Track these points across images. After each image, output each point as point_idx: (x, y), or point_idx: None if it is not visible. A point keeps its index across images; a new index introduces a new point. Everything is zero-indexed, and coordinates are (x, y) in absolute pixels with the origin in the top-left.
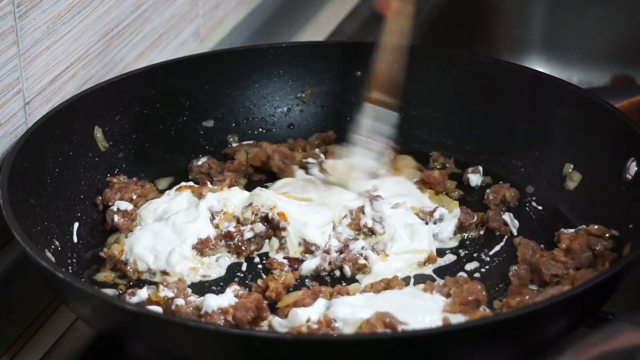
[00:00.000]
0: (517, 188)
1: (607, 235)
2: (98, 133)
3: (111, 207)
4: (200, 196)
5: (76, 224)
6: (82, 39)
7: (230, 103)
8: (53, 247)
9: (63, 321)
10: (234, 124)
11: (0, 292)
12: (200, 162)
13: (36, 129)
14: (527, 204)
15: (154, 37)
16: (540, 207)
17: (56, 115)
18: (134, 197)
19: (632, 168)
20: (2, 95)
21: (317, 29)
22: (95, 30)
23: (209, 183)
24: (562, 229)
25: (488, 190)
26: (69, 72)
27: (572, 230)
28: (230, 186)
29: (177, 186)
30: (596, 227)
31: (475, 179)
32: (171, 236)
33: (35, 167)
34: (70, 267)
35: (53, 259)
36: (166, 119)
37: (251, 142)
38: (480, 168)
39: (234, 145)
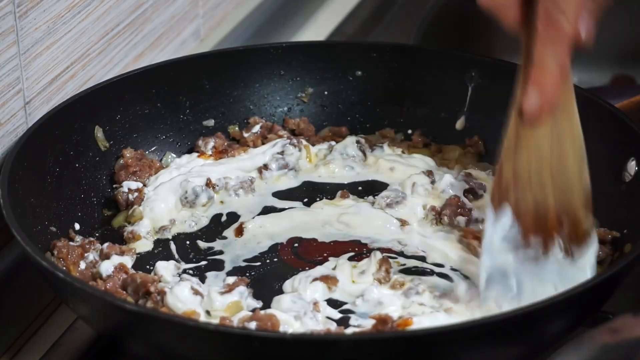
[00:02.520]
0: None
1: (609, 236)
2: (98, 133)
3: (120, 189)
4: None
5: (77, 225)
6: (82, 39)
7: (230, 103)
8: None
9: (63, 321)
10: (234, 124)
11: (0, 292)
12: (209, 146)
13: (36, 128)
14: None
15: (154, 37)
16: None
17: (56, 115)
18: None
19: (632, 168)
20: (2, 95)
21: (317, 29)
22: (95, 30)
23: None
24: None
25: None
26: (69, 71)
27: None
28: None
29: (196, 153)
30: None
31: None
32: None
33: (35, 167)
34: None
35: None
36: (167, 119)
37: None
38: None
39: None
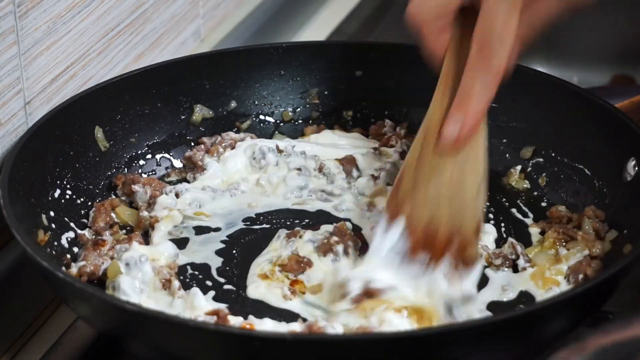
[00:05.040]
0: None
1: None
2: (98, 133)
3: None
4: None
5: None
6: (82, 39)
7: (230, 103)
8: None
9: (63, 321)
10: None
11: (0, 292)
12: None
13: (36, 128)
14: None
15: (154, 37)
16: (541, 206)
17: (56, 115)
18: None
19: (632, 168)
20: (2, 95)
21: (317, 29)
22: (95, 30)
23: None
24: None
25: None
26: (69, 71)
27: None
28: None
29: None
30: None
31: None
32: None
33: (36, 167)
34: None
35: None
36: (167, 119)
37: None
38: None
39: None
